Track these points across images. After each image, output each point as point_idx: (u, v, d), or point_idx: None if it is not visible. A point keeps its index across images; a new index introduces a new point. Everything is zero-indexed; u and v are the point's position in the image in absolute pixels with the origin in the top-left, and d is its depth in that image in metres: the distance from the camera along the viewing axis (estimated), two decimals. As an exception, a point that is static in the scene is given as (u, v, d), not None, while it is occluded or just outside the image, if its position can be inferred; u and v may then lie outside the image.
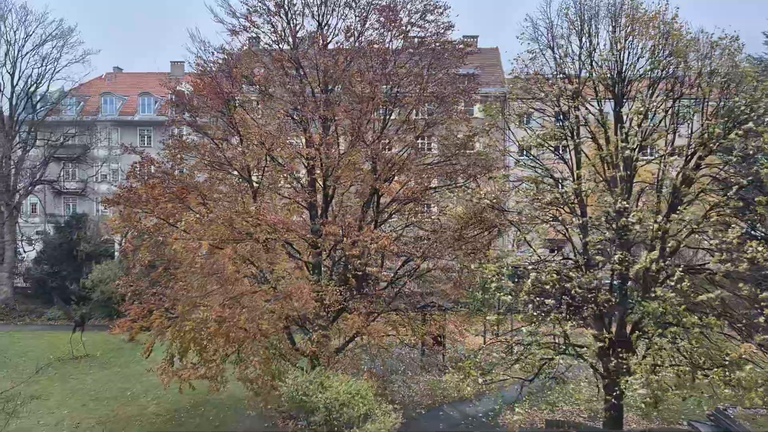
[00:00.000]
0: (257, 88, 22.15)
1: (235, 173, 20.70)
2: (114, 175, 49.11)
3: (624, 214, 16.24)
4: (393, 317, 22.02)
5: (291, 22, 21.71)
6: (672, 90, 17.65)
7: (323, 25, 21.84)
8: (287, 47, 21.84)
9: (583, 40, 18.36)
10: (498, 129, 20.58)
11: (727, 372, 14.96)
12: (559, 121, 18.83)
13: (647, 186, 18.41)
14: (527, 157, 19.74)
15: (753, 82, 16.39)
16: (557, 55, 18.75)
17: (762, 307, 14.46)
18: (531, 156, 19.54)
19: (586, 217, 17.78)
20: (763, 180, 15.43)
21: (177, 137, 21.78)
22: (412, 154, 21.94)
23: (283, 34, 21.80)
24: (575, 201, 18.15)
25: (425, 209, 25.84)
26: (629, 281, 17.42)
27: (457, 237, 20.90)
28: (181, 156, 20.95)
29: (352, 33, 21.46)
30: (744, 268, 14.57)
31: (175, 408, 23.10)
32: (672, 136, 17.79)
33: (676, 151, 17.51)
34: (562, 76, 18.74)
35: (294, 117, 21.93)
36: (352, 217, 21.22)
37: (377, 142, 20.97)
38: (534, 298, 16.65)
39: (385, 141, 21.50)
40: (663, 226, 16.12)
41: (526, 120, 20.10)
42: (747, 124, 15.64)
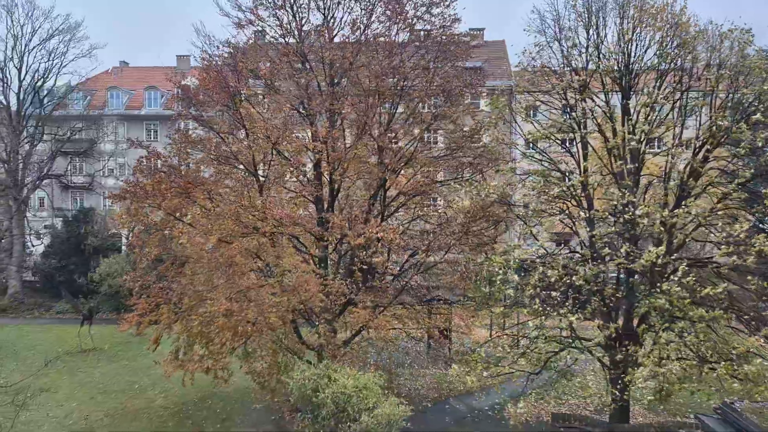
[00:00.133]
0: (263, 81, 22.14)
1: (241, 167, 20.71)
2: (121, 170, 49.31)
3: (631, 207, 16.17)
4: (399, 311, 22.05)
5: (297, 15, 21.69)
6: (680, 82, 17.53)
7: (329, 18, 21.81)
8: (293, 40, 21.83)
9: (591, 32, 18.24)
10: (505, 122, 20.52)
11: (735, 366, 14.91)
12: (566, 114, 18.73)
13: (654, 179, 18.32)
14: (534, 150, 19.68)
15: (762, 73, 16.26)
16: (564, 48, 18.64)
17: (770, 301, 14.41)
18: (538, 149, 19.47)
19: (592, 211, 17.71)
20: (772, 172, 15.34)
21: (183, 131, 21.78)
22: (419, 147, 21.92)
23: (289, 27, 21.79)
24: (582, 194, 18.08)
25: (431, 203, 25.82)
26: (636, 275, 17.36)
27: (465, 231, 20.87)
28: (187, 150, 20.98)
29: (358, 26, 21.41)
30: (752, 261, 14.50)
31: (183, 401, 23.23)
32: (679, 128, 17.68)
33: (683, 144, 17.41)
34: (569, 68, 18.63)
35: (300, 111, 21.93)
36: (358, 210, 21.23)
37: (384, 135, 20.94)
38: (540, 291, 16.63)
39: (392, 134, 21.47)
40: (669, 219, 16.03)
41: (533, 113, 20.02)
42: (755, 115, 15.54)
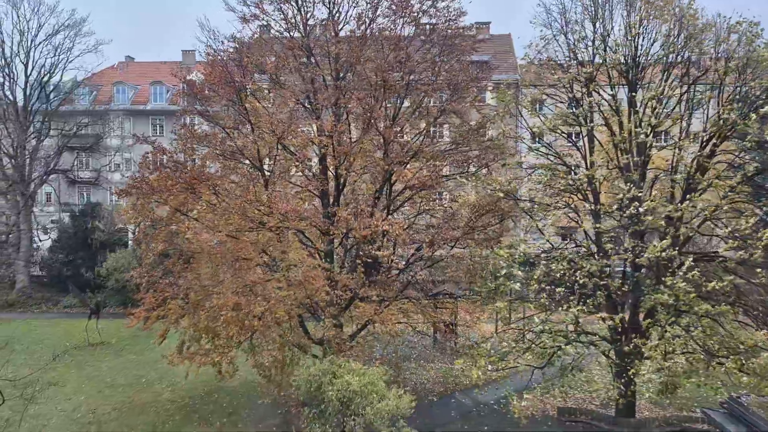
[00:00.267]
0: (268, 76, 22.12)
1: (247, 162, 20.72)
2: (127, 165, 49.42)
3: (636, 202, 16.11)
4: (405, 305, 22.07)
5: (302, 9, 21.67)
6: (687, 74, 17.44)
7: (334, 13, 21.76)
8: (298, 35, 21.80)
9: (597, 24, 18.17)
10: (511, 116, 20.46)
11: (743, 360, 14.87)
12: (572, 107, 18.67)
13: (661, 173, 18.24)
14: (540, 144, 19.63)
15: (770, 66, 16.15)
16: (571, 41, 18.57)
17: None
18: (544, 143, 19.43)
19: (598, 205, 17.66)
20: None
21: (188, 127, 21.77)
22: (425, 141, 21.88)
23: (294, 21, 21.77)
24: (588, 188, 18.03)
25: (437, 197, 25.79)
26: (642, 269, 17.31)
27: (471, 226, 20.86)
28: (193, 146, 20.99)
29: (363, 20, 21.35)
30: (759, 255, 14.43)
31: (190, 395, 23.35)
32: (687, 121, 17.59)
33: (690, 137, 17.32)
34: (575, 61, 18.56)
35: (305, 105, 21.91)
36: (364, 204, 21.23)
37: (390, 128, 20.92)
38: (545, 286, 16.62)
39: (398, 129, 21.44)
40: (675, 213, 15.97)
41: (539, 107, 19.96)
42: (763, 108, 15.43)
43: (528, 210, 18.94)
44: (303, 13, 21.69)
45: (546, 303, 17.07)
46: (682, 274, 15.04)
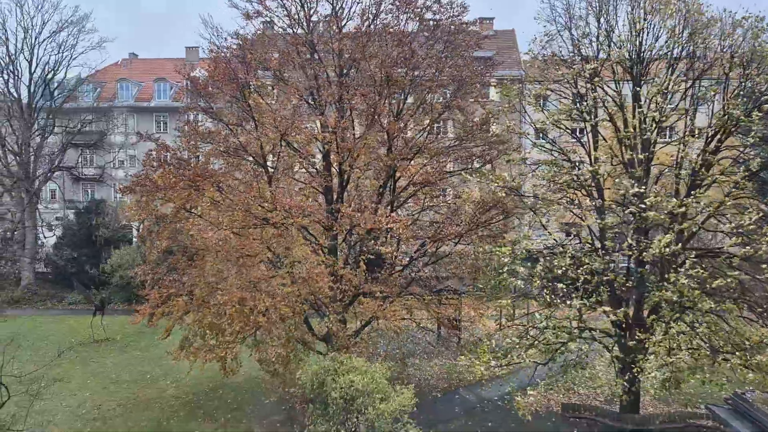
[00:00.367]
0: (272, 72, 22.10)
1: (250, 159, 20.72)
2: (131, 161, 49.50)
3: (639, 198, 16.05)
4: (409, 301, 22.08)
5: (305, 5, 21.61)
6: (691, 69, 17.35)
7: (338, 9, 21.72)
8: (302, 31, 21.77)
9: (602, 20, 18.08)
10: (515, 111, 20.42)
11: (748, 356, 14.83)
12: (577, 103, 18.61)
13: (666, 169, 18.17)
14: (544, 140, 19.57)
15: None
16: (575, 36, 18.49)
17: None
18: (548, 139, 19.36)
19: (602, 201, 17.61)
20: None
21: (192, 124, 21.77)
22: (429, 137, 21.85)
23: (297, 17, 21.72)
24: (592, 184, 17.98)
25: (441, 193, 25.76)
26: (647, 265, 17.27)
27: (475, 222, 20.84)
28: (196, 143, 20.99)
29: (367, 16, 21.33)
30: (764, 251, 14.38)
31: (194, 391, 23.43)
32: (691, 117, 17.51)
33: (695, 133, 17.24)
34: (579, 57, 18.49)
35: (309, 101, 21.89)
36: (368, 200, 21.23)
37: (394, 124, 20.90)
38: (548, 282, 16.58)
39: (401, 125, 21.42)
40: (678, 210, 15.91)
41: (543, 103, 19.90)
42: (767, 104, 15.36)
43: (532, 206, 18.90)
44: (306, 10, 21.65)
45: (549, 299, 17.05)
46: (684, 270, 14.99)
